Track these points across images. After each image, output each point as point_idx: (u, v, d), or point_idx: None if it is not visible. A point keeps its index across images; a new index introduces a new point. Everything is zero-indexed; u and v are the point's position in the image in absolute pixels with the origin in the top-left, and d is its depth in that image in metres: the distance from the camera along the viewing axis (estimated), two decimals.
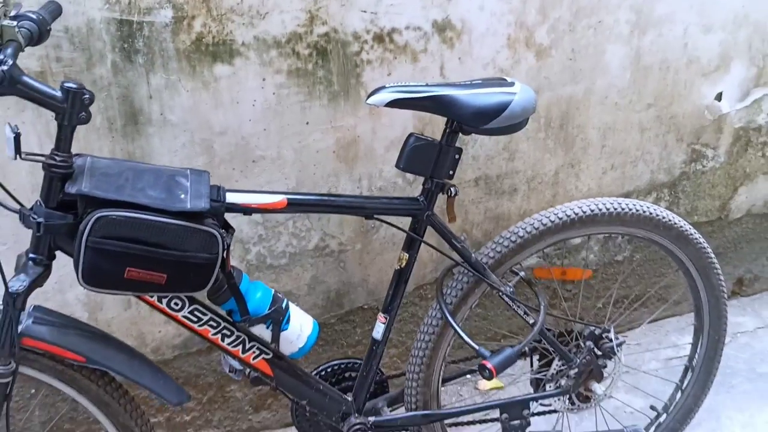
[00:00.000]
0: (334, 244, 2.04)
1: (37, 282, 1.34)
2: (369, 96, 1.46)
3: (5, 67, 1.19)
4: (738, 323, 2.62)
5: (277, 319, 1.52)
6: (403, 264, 1.59)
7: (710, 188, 2.51)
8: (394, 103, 1.45)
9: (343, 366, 1.73)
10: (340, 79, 1.85)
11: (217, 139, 1.79)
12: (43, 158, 1.28)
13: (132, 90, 1.68)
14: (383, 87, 1.46)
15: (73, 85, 1.24)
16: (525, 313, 1.68)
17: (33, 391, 1.85)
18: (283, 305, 1.53)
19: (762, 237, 2.69)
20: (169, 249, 1.31)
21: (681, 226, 1.79)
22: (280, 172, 1.88)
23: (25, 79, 1.22)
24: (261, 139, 1.83)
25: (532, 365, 1.86)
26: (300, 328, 1.55)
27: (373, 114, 1.91)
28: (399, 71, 1.89)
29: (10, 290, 1.29)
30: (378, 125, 1.93)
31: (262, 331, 1.52)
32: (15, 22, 1.28)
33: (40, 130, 1.63)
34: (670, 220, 1.77)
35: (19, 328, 1.34)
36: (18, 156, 1.26)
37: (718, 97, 2.36)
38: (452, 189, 1.56)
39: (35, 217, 1.29)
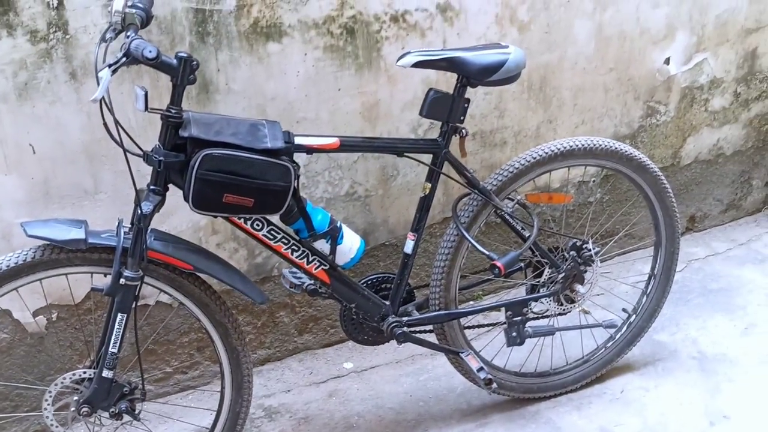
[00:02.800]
0: (361, 190, 2.47)
1: (157, 208, 1.75)
2: (398, 59, 1.90)
3: (136, 42, 1.61)
4: (692, 253, 3.10)
5: (334, 235, 1.95)
6: (427, 192, 2.03)
7: (664, 139, 2.99)
8: (418, 64, 1.90)
9: (380, 278, 2.16)
10: (364, 53, 2.29)
11: (269, 104, 2.22)
12: (162, 111, 1.70)
13: (204, 65, 2.10)
14: (409, 52, 1.90)
15: (185, 54, 1.65)
16: (522, 228, 2.14)
17: None
18: (338, 225, 1.96)
19: (708, 180, 3.19)
20: (256, 179, 1.73)
21: (640, 158, 2.24)
22: (318, 130, 2.31)
23: None
24: (303, 103, 2.26)
25: (526, 276, 2.31)
26: (351, 243, 1.99)
27: (390, 81, 2.35)
28: (410, 45, 2.33)
29: (142, 212, 1.71)
30: (395, 90, 2.37)
31: (323, 245, 1.95)
32: (134, 10, 1.70)
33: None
34: (631, 153, 2.23)
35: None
36: (146, 109, 1.67)
37: (667, 61, 2.84)
38: (463, 131, 2.01)
39: (156, 156, 1.71)
